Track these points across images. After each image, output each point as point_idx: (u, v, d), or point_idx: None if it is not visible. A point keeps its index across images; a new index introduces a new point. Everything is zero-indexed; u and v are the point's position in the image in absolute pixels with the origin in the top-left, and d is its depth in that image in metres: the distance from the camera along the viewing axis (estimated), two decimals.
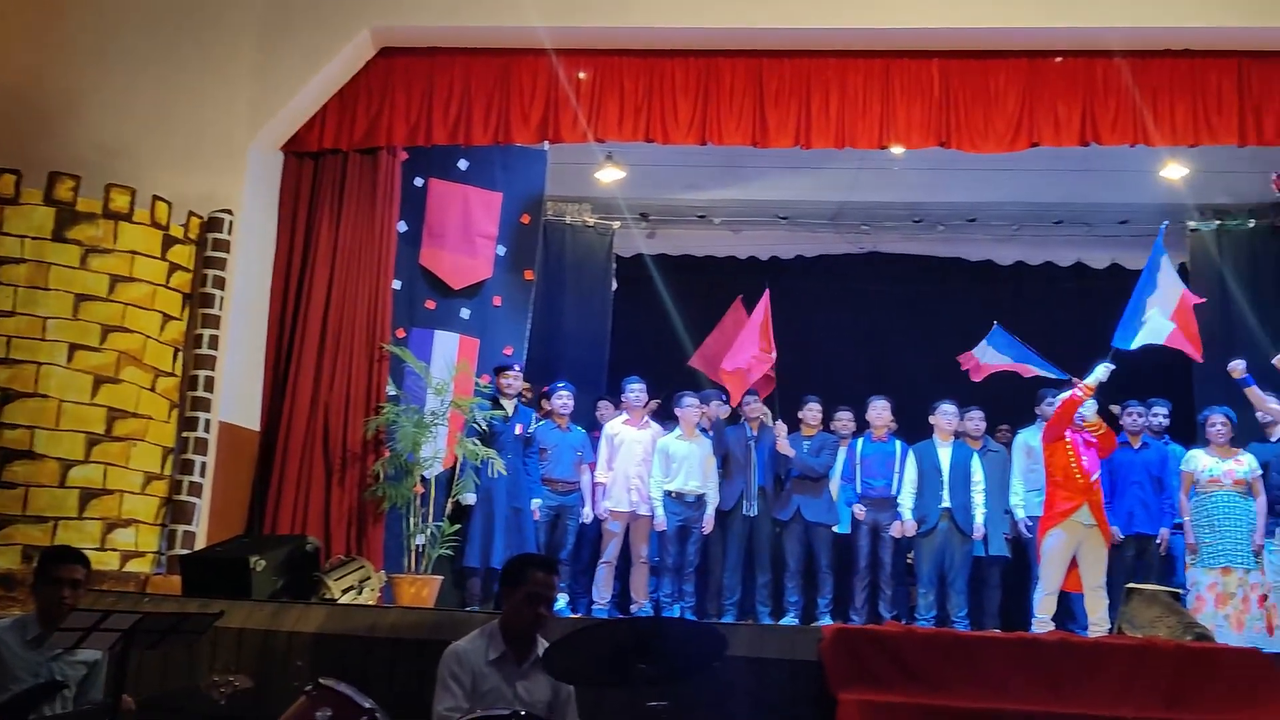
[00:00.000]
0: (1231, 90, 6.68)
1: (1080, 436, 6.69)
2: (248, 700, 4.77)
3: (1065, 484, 6.63)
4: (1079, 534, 6.56)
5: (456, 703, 3.60)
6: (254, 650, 4.93)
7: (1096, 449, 6.70)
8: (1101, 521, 6.59)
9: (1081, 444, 6.68)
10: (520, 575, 3.73)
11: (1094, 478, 6.65)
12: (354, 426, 6.85)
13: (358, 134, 7.07)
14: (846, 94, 6.87)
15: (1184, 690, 4.31)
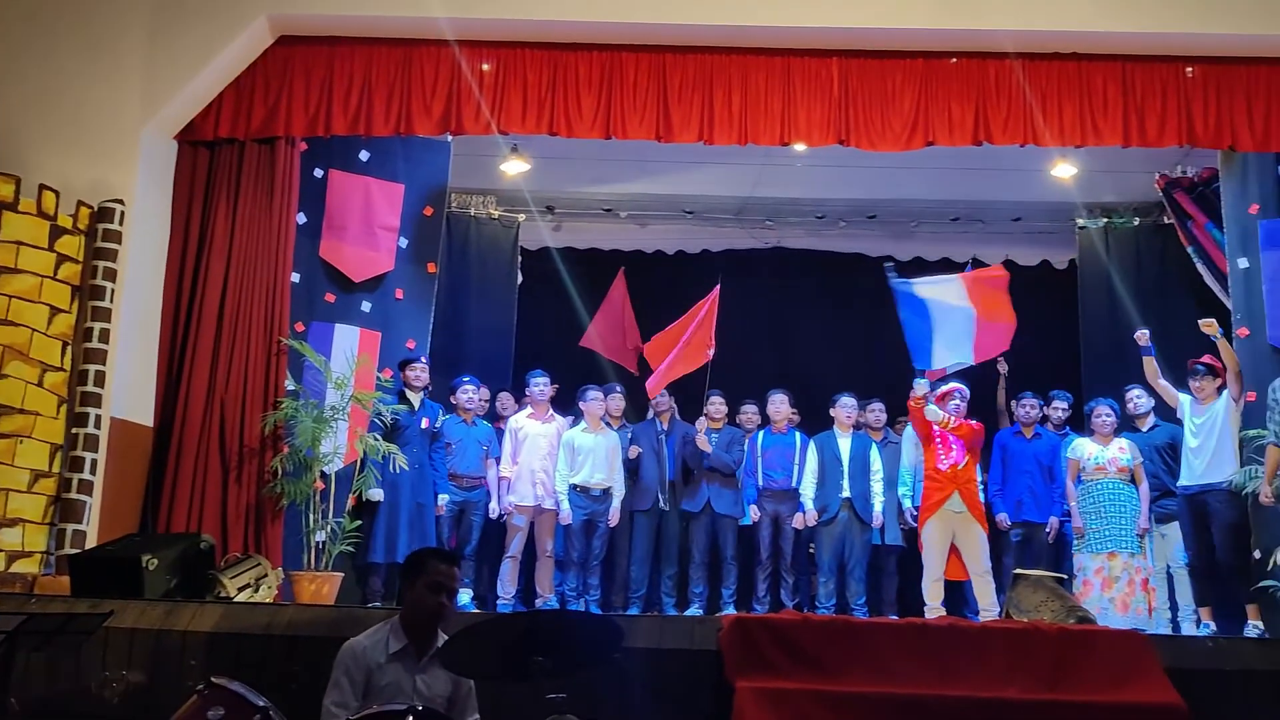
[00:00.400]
0: (1116, 93, 6.91)
1: (948, 433, 6.97)
2: (140, 701, 4.70)
3: (935, 475, 6.99)
4: (951, 522, 6.84)
5: (344, 698, 3.59)
6: (146, 650, 4.83)
7: (964, 441, 6.96)
8: (974, 508, 6.84)
9: (951, 439, 6.95)
10: (421, 566, 3.74)
11: (961, 465, 6.89)
12: (251, 422, 6.71)
13: (255, 123, 6.92)
14: (748, 91, 6.94)
15: (1066, 671, 4.48)
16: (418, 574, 3.74)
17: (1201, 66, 6.88)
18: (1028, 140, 6.91)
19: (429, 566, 3.72)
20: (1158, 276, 9.04)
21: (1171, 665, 4.58)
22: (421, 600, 3.71)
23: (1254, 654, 4.88)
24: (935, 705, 4.24)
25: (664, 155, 8.29)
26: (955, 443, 6.96)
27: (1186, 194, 8.50)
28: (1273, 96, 6.79)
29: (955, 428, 7.02)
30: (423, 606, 3.71)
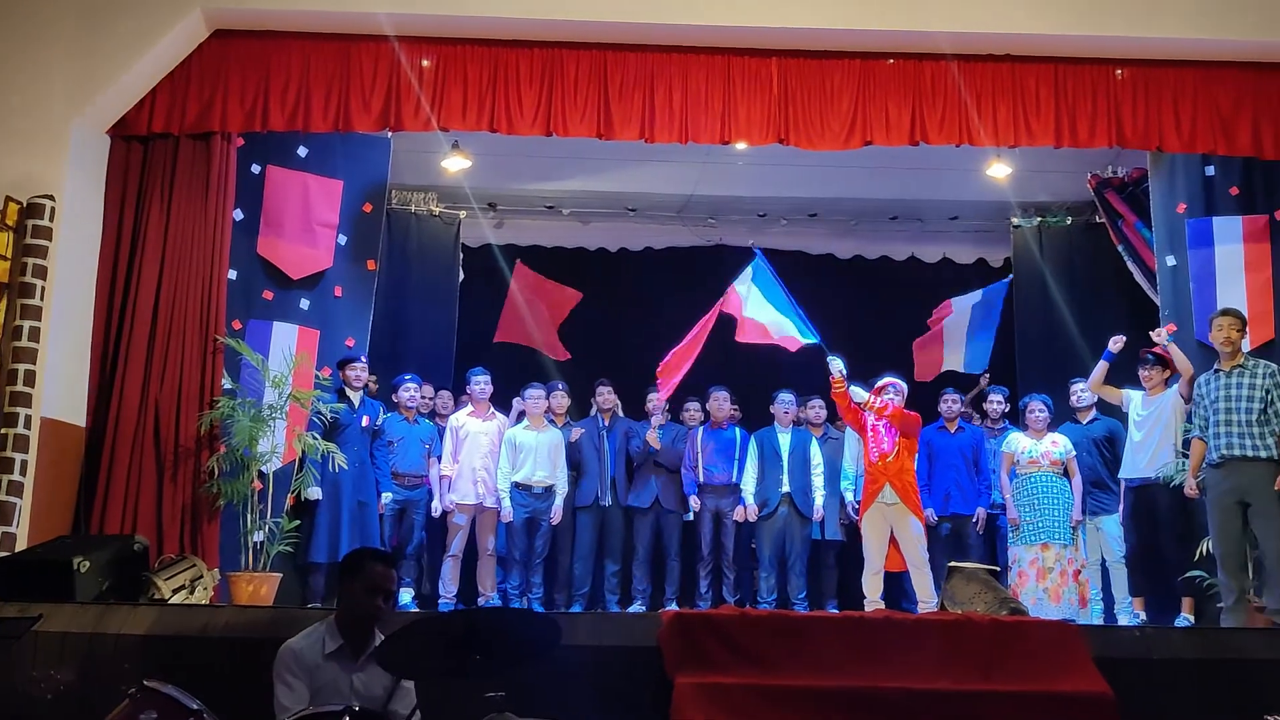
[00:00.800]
0: (1049, 94, 7.03)
1: (881, 421, 7.03)
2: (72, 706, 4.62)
3: (869, 469, 7.05)
4: (886, 514, 6.90)
5: (297, 699, 3.58)
6: (78, 654, 4.74)
7: (895, 428, 7.01)
8: (907, 499, 6.91)
9: (883, 428, 7.02)
10: (359, 567, 3.74)
11: (891, 455, 6.96)
12: (187, 422, 6.61)
13: (190, 118, 6.81)
14: (689, 90, 6.97)
15: (998, 661, 4.56)
16: (355, 575, 3.74)
17: (1130, 69, 7.03)
18: (963, 140, 7.02)
19: (367, 568, 3.72)
20: (1089, 274, 9.23)
21: (1100, 655, 4.68)
22: (358, 602, 3.71)
23: (1179, 643, 5.01)
24: (872, 697, 4.30)
25: (606, 153, 8.31)
26: (887, 432, 7.03)
27: (1117, 194, 8.69)
28: (1199, 99, 6.96)
29: (888, 414, 7.05)
30: (359, 608, 3.71)
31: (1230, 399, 5.94)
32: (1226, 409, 5.94)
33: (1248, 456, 5.84)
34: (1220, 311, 6.20)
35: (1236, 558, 5.91)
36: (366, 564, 3.74)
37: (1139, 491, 6.86)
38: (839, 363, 7.11)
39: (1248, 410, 5.88)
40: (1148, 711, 4.55)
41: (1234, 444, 5.88)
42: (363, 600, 3.70)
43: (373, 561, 3.75)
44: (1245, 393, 5.92)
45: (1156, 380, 7.02)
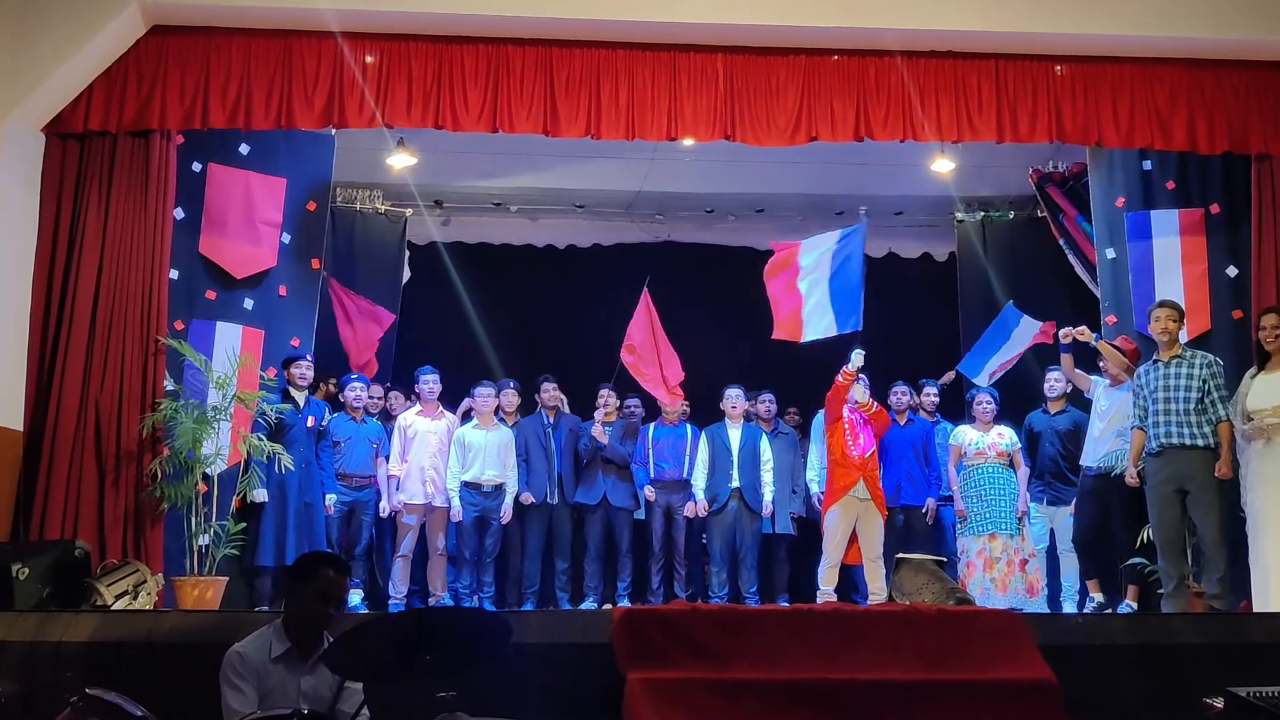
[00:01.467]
0: (990, 91, 7.10)
1: (856, 416, 7.10)
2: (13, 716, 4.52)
3: (843, 461, 7.05)
4: (856, 508, 6.97)
5: (248, 703, 3.54)
6: (18, 662, 4.65)
7: (871, 427, 7.11)
8: (877, 495, 7.01)
9: (859, 423, 7.08)
10: (311, 572, 3.71)
11: (869, 453, 7.05)
12: (129, 424, 6.48)
13: (127, 116, 6.67)
14: (635, 86, 6.96)
15: (946, 651, 4.61)
16: (306, 580, 3.70)
17: (1070, 66, 7.11)
18: (907, 136, 7.07)
19: (319, 574, 3.68)
20: (1032, 267, 9.38)
21: (1045, 642, 4.75)
22: (308, 608, 3.68)
23: (1120, 629, 5.10)
24: (821, 689, 4.33)
25: (554, 149, 8.29)
26: (864, 430, 7.09)
27: (1058, 188, 8.84)
28: (1136, 95, 7.07)
29: (871, 411, 7.13)
30: (310, 613, 3.68)
31: (1169, 389, 6.06)
32: (1165, 399, 6.05)
33: (1186, 445, 5.97)
34: (1157, 304, 6.33)
35: (1176, 544, 6.04)
36: (319, 570, 3.70)
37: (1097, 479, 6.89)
38: (861, 358, 7.12)
39: (1186, 400, 6.00)
40: (1091, 697, 4.62)
41: (1172, 433, 6.00)
42: (313, 606, 3.67)
43: (325, 567, 3.71)
44: (1184, 383, 6.04)
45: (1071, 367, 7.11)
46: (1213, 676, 4.48)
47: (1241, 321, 7.16)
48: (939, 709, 4.32)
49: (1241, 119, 7.00)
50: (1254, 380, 6.05)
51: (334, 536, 7.38)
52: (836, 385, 7.06)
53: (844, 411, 7.10)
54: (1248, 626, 5.17)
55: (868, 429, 7.09)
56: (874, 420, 7.11)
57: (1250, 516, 6.03)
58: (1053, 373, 7.61)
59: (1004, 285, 9.29)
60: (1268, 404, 5.92)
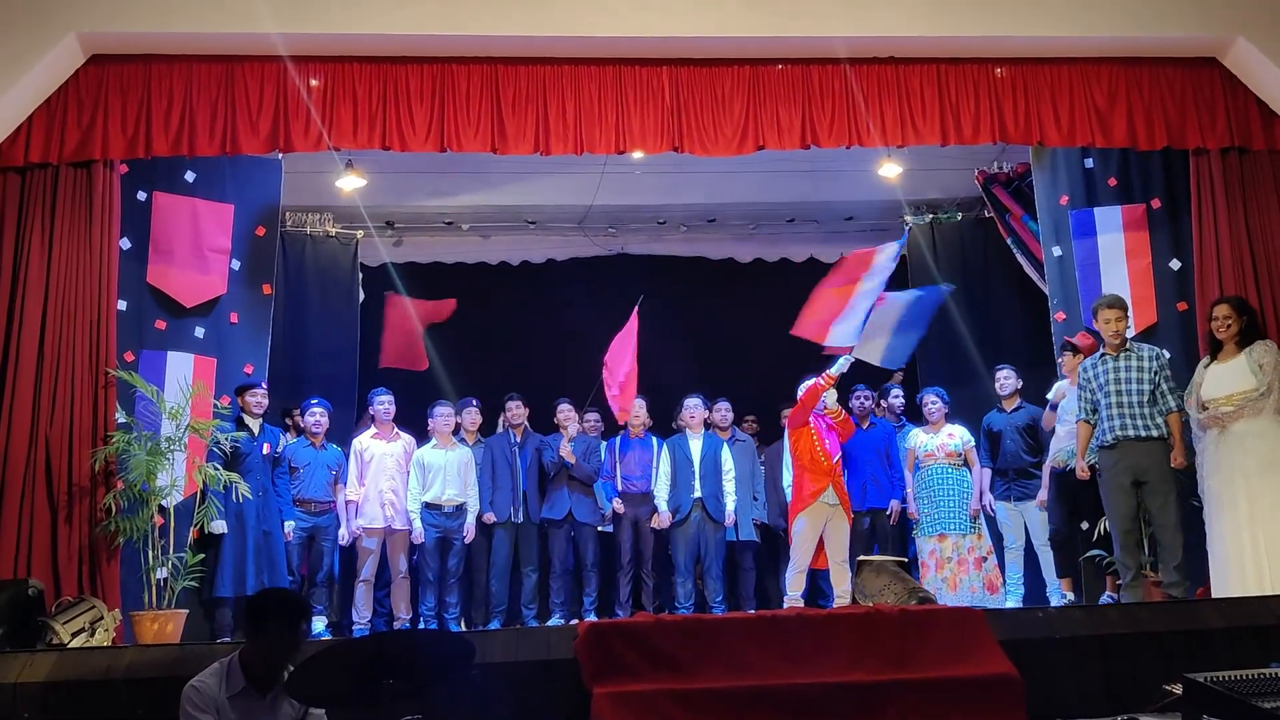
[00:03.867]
0: (933, 94, 7.17)
1: (822, 422, 7.13)
2: None
3: (811, 468, 7.06)
4: (825, 514, 6.99)
5: None
6: None
7: (837, 433, 7.15)
8: (844, 500, 7.05)
9: (824, 429, 7.12)
10: (263, 624, 3.60)
11: (835, 459, 7.09)
12: (80, 459, 6.37)
13: (69, 146, 6.59)
14: (582, 101, 6.97)
15: (909, 650, 4.66)
16: (258, 632, 3.61)
17: (1010, 68, 7.20)
18: (853, 142, 7.13)
19: (271, 628, 3.57)
20: (981, 267, 9.49)
21: (1006, 637, 4.81)
22: (269, 654, 3.59)
23: (1079, 621, 5.17)
24: (787, 693, 4.35)
25: (504, 166, 8.27)
26: (830, 435, 7.13)
27: (1004, 188, 8.95)
28: (1075, 94, 7.18)
29: (838, 418, 7.17)
30: (269, 660, 3.60)
31: (1120, 382, 6.16)
32: (1117, 391, 6.15)
33: (1140, 436, 6.06)
34: (1105, 304, 6.38)
35: (1133, 535, 6.13)
36: (271, 625, 3.58)
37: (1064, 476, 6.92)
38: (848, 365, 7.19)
39: (1138, 393, 6.10)
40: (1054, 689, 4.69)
41: (1127, 425, 6.09)
42: (274, 653, 3.58)
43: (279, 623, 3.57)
44: (1135, 375, 6.14)
45: (1073, 366, 7.06)
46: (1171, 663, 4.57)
47: (1186, 313, 7.29)
48: (904, 708, 4.36)
49: (1179, 115, 7.13)
50: (1207, 370, 6.17)
51: (294, 563, 7.32)
52: (814, 389, 7.08)
53: (810, 418, 7.13)
54: (1204, 613, 5.26)
55: (833, 434, 7.14)
56: (839, 426, 7.16)
57: (1206, 504, 6.14)
58: (1001, 371, 7.70)
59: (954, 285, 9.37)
60: (1221, 393, 6.05)
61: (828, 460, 7.04)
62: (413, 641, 3.73)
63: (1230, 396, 6.01)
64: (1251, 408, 5.95)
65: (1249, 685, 4.06)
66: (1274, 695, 3.98)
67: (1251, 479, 5.92)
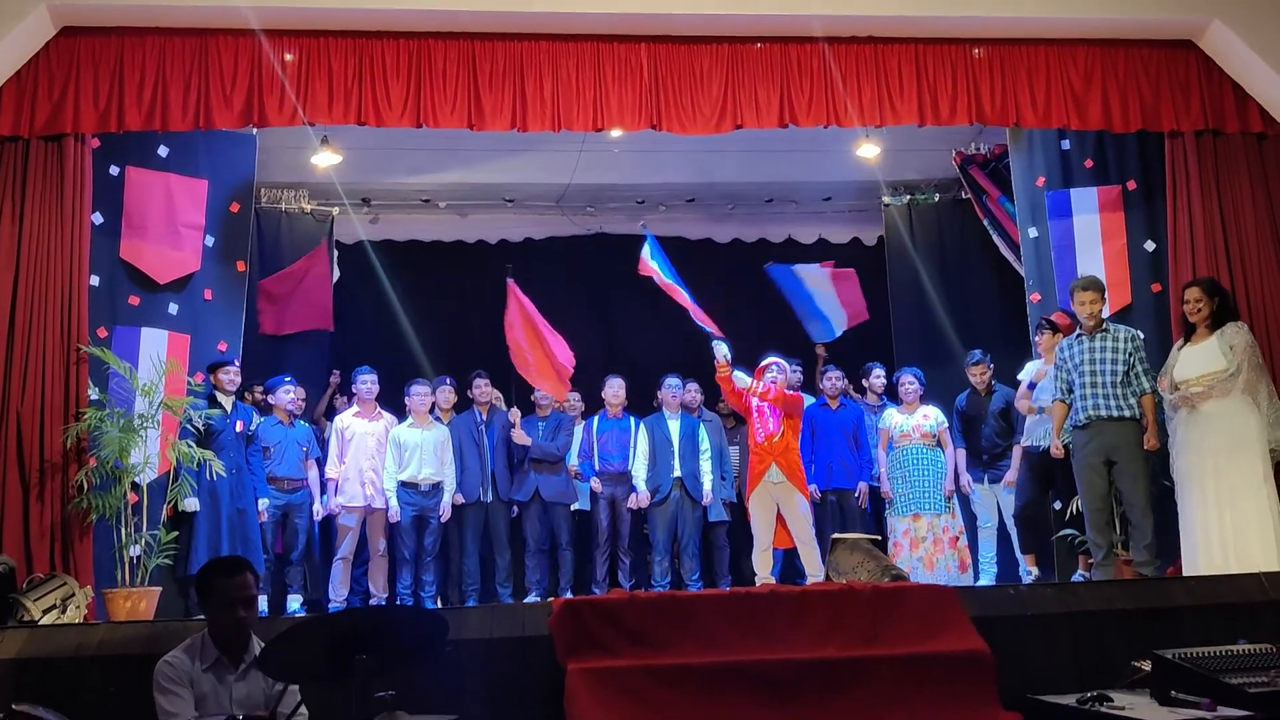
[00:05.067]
0: (911, 75, 7.17)
1: (764, 403, 7.16)
2: None
3: (755, 449, 7.17)
4: (773, 492, 7.03)
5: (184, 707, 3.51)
6: None
7: (780, 410, 7.14)
8: (794, 477, 7.04)
9: (767, 409, 7.14)
10: (209, 585, 3.67)
11: (777, 436, 7.08)
12: (52, 436, 6.31)
13: (39, 120, 6.50)
14: (560, 78, 6.93)
15: (881, 627, 4.69)
16: (208, 595, 3.68)
17: (987, 48, 7.20)
18: (831, 121, 7.12)
19: (216, 587, 3.65)
20: (958, 249, 9.52)
21: (978, 614, 4.85)
22: (219, 619, 3.66)
23: (1050, 598, 5.22)
24: (759, 669, 4.37)
25: (481, 144, 8.21)
26: (771, 413, 7.15)
27: (981, 169, 8.98)
28: (1052, 75, 7.19)
29: (770, 397, 7.17)
30: (223, 625, 3.65)
31: (1094, 362, 6.20)
32: (1091, 371, 6.19)
33: (1113, 416, 6.11)
34: (1081, 285, 6.42)
35: (1104, 514, 6.19)
36: (215, 580, 3.67)
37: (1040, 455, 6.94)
38: (724, 347, 7.21)
39: (1112, 373, 6.15)
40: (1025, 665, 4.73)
41: (1100, 405, 6.13)
42: (222, 617, 3.66)
43: (219, 578, 3.67)
44: (1109, 356, 6.19)
45: (1049, 345, 7.14)
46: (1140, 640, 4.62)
47: (1160, 295, 7.34)
48: (875, 684, 4.39)
49: (1154, 97, 7.17)
50: (1180, 352, 6.23)
51: (269, 542, 7.30)
52: (717, 379, 7.18)
53: (752, 401, 7.16)
54: (1172, 591, 5.32)
55: (775, 412, 7.14)
56: (777, 403, 7.13)
57: (1176, 483, 6.20)
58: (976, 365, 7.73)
59: (930, 267, 9.43)
60: (1193, 374, 6.11)
61: (768, 439, 7.07)
62: (386, 618, 3.72)
63: (1200, 377, 6.07)
64: (1220, 388, 6.02)
65: (1216, 661, 4.13)
66: (1241, 671, 4.05)
67: (1220, 458, 5.99)
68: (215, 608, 3.65)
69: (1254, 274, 7.00)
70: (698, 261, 10.24)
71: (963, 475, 7.60)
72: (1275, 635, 4.44)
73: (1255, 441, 6.01)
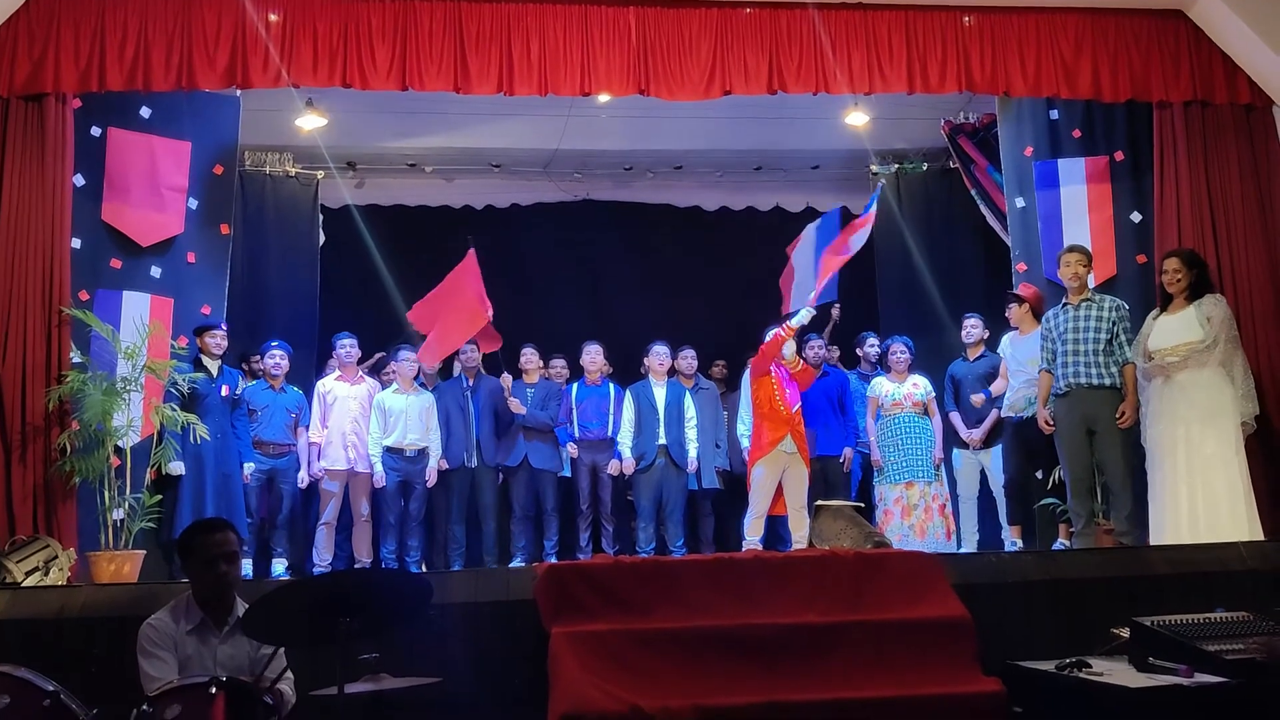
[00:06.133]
0: (901, 42, 7.12)
1: (783, 371, 7.16)
2: None
3: (770, 416, 7.09)
4: (783, 462, 7.04)
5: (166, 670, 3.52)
6: None
7: (797, 383, 7.19)
8: (803, 449, 7.09)
9: (785, 379, 7.15)
10: (190, 544, 3.70)
11: (795, 409, 7.13)
12: (34, 399, 6.26)
13: (19, 79, 6.41)
14: (547, 41, 6.87)
15: (863, 592, 4.72)
16: (189, 554, 3.70)
17: (978, 16, 7.17)
18: (820, 88, 7.08)
19: (196, 543, 3.68)
20: (945, 218, 9.52)
21: (959, 581, 4.88)
22: (201, 577, 3.67)
23: (1031, 566, 5.26)
24: (742, 634, 4.40)
25: (468, 108, 8.16)
26: (790, 385, 7.16)
27: (969, 139, 8.95)
28: (1042, 44, 7.16)
29: (800, 372, 7.20)
30: (205, 582, 3.65)
31: (1078, 330, 6.20)
32: (1074, 340, 6.20)
33: (1093, 385, 6.12)
34: (1067, 249, 6.46)
35: (1084, 483, 6.21)
36: (195, 539, 3.70)
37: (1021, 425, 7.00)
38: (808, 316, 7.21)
39: (1095, 341, 6.15)
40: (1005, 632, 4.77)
41: (1080, 373, 6.14)
42: (204, 574, 3.67)
43: (201, 535, 3.70)
44: (1092, 324, 6.19)
45: (1020, 317, 7.19)
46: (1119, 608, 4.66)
47: (1146, 266, 7.34)
48: (857, 648, 4.42)
49: (1143, 67, 7.15)
50: (1156, 321, 6.25)
51: (253, 505, 7.29)
52: (776, 339, 7.10)
53: (771, 367, 7.16)
54: (1151, 559, 5.36)
55: (793, 384, 7.17)
56: (799, 376, 7.18)
57: (1148, 452, 6.23)
58: (969, 320, 7.75)
59: (918, 236, 9.42)
60: (1167, 343, 6.12)
61: (786, 410, 7.08)
62: (371, 580, 3.74)
63: (1176, 347, 6.08)
64: (1196, 359, 6.04)
65: (1194, 629, 4.17)
66: (1217, 638, 4.09)
67: (1192, 428, 6.01)
68: (196, 565, 3.66)
69: (1239, 246, 7.01)
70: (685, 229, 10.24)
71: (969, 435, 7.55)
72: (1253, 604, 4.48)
73: (1228, 414, 6.04)
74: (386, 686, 3.36)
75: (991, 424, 7.42)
